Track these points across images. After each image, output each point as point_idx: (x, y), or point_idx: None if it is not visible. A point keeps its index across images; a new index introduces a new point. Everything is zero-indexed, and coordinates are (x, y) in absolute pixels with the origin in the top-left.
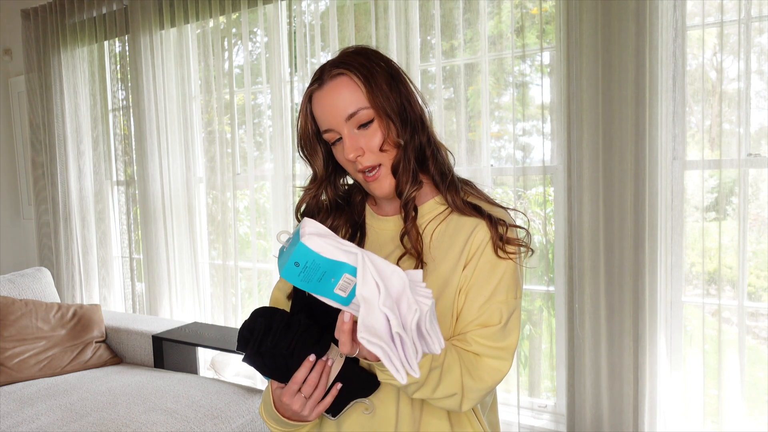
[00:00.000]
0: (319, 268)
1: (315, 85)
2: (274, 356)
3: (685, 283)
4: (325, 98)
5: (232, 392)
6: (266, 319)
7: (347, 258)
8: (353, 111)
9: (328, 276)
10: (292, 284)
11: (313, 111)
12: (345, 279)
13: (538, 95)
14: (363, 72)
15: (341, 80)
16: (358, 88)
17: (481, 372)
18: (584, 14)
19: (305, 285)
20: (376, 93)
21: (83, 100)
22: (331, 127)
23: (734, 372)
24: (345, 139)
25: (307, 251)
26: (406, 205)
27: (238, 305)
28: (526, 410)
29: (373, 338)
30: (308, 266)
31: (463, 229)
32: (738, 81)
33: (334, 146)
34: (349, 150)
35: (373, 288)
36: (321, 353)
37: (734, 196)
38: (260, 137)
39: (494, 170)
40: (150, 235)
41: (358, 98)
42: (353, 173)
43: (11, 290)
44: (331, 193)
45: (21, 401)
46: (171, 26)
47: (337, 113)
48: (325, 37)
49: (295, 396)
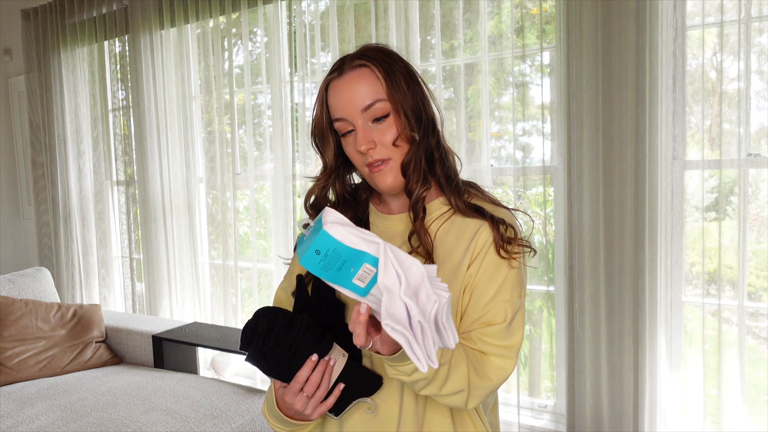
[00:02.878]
0: (339, 257)
1: (335, 74)
2: (276, 356)
3: (685, 283)
4: (344, 87)
5: (232, 392)
6: (269, 319)
7: (369, 247)
8: (371, 102)
9: (348, 265)
10: (311, 272)
11: (329, 99)
12: (364, 269)
13: (538, 95)
14: (384, 66)
15: (362, 71)
16: (378, 81)
17: (487, 370)
18: (584, 14)
19: (324, 273)
20: (395, 88)
21: (83, 100)
22: (346, 116)
23: (734, 372)
24: (358, 130)
25: (330, 239)
26: (415, 204)
27: (238, 305)
28: (526, 410)
29: (397, 325)
30: (329, 254)
31: (467, 229)
32: (738, 81)
33: (345, 138)
34: (362, 141)
35: (395, 277)
36: (323, 353)
37: (734, 196)
38: (260, 137)
39: (494, 170)
40: (150, 235)
41: (377, 90)
42: (360, 166)
43: (11, 290)
44: (339, 187)
45: (21, 401)
46: (171, 26)
47: (354, 102)
48: (325, 37)
49: (298, 395)
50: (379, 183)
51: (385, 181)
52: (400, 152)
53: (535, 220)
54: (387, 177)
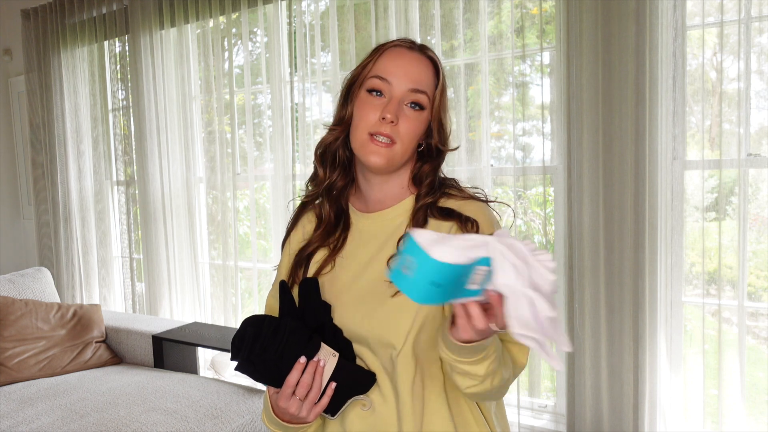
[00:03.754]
0: (458, 278)
1: (405, 45)
2: (265, 361)
3: (685, 283)
4: (409, 59)
5: (232, 392)
6: (254, 327)
7: (479, 252)
8: (422, 88)
9: (464, 280)
10: (433, 304)
11: (382, 60)
12: (477, 272)
13: (538, 95)
14: (443, 76)
15: (429, 64)
16: (434, 79)
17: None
18: (584, 14)
19: (444, 299)
20: (443, 96)
21: (83, 100)
22: (392, 81)
23: (734, 372)
24: (393, 100)
25: (443, 266)
26: (418, 212)
27: (238, 305)
28: (526, 410)
29: (528, 332)
30: (447, 281)
31: (440, 230)
32: (738, 81)
33: (369, 95)
34: (389, 110)
35: (511, 272)
36: (311, 354)
37: (734, 196)
38: (260, 137)
39: (494, 170)
40: (150, 235)
41: (431, 85)
42: (363, 131)
43: (11, 290)
44: (342, 151)
45: (21, 401)
46: (171, 26)
47: (409, 77)
48: (325, 37)
49: (291, 399)
50: (371, 156)
51: (377, 160)
52: (408, 147)
53: (534, 219)
54: (381, 157)
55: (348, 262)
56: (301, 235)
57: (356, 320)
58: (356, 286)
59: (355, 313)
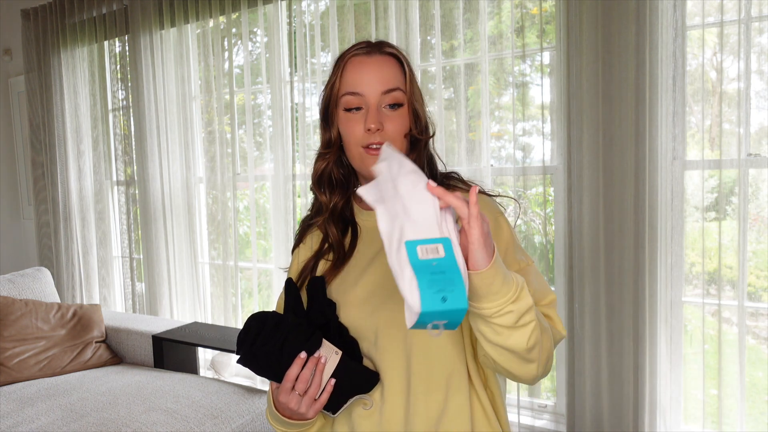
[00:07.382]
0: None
1: (360, 51)
2: (266, 354)
3: (685, 283)
4: (371, 65)
5: (232, 392)
6: (258, 322)
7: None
8: (393, 87)
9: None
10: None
11: (346, 74)
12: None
13: (538, 95)
14: (408, 65)
15: (391, 59)
16: (401, 74)
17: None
18: (584, 14)
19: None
20: (413, 85)
21: (83, 100)
22: (363, 92)
23: (734, 372)
24: (371, 109)
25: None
26: None
27: (238, 305)
28: (526, 410)
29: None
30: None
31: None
32: (738, 81)
33: (348, 114)
34: (372, 120)
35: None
36: (312, 350)
37: (734, 196)
38: (260, 137)
39: (494, 170)
40: (150, 235)
41: (400, 80)
42: (355, 145)
43: (11, 290)
44: (336, 171)
45: (21, 401)
46: (171, 26)
47: (377, 82)
48: (325, 37)
49: (291, 394)
50: (371, 165)
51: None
52: (401, 143)
53: (534, 219)
54: None
55: (354, 260)
56: (309, 246)
57: (363, 317)
58: (363, 283)
59: (362, 310)
